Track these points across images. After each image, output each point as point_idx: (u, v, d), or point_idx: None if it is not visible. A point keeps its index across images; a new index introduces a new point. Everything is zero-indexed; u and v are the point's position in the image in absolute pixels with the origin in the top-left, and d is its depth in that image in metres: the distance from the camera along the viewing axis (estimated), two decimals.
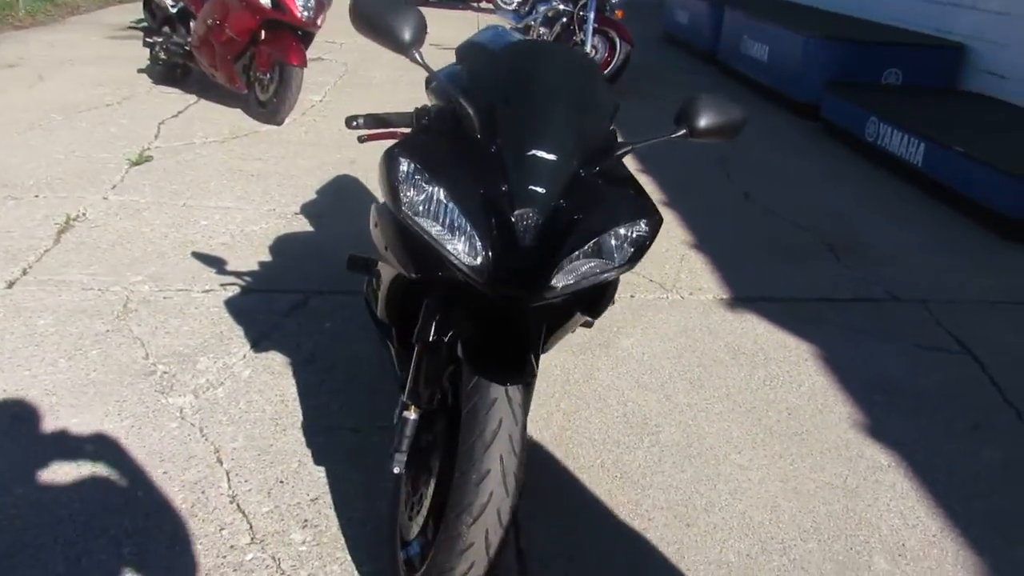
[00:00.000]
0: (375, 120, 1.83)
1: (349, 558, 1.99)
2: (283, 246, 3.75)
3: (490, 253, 1.53)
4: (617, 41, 7.41)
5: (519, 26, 8.44)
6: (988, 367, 3.08)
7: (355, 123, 1.84)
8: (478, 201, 1.55)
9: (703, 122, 1.73)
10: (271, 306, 3.17)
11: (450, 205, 1.55)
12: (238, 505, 2.13)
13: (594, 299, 1.67)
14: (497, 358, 1.62)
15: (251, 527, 2.06)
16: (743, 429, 2.61)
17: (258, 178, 4.60)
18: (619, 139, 1.81)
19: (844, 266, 3.95)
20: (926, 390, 2.91)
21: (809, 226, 4.41)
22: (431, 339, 1.73)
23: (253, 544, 2.01)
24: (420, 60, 1.68)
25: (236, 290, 3.28)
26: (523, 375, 1.59)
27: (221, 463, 2.28)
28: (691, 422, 2.63)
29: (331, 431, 2.45)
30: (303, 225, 4.01)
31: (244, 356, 2.82)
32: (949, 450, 2.58)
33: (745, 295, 3.53)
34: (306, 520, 2.10)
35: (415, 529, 1.74)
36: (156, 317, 3.02)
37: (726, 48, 8.71)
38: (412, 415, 1.72)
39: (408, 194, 1.58)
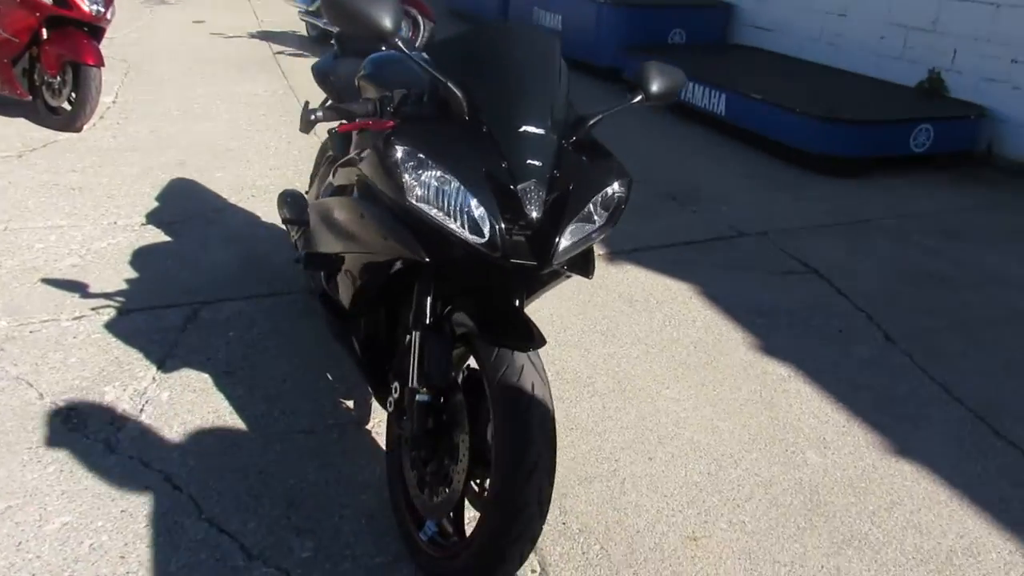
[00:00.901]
0: (335, 112, 1.80)
1: (358, 553, 1.98)
2: (144, 260, 3.48)
3: (501, 227, 1.60)
4: (420, 19, 7.43)
5: (311, 8, 8.20)
6: (832, 281, 3.56)
7: (313, 117, 1.79)
8: (482, 179, 1.60)
9: (656, 87, 1.88)
10: (161, 323, 2.97)
11: (456, 185, 1.59)
12: (219, 528, 2.04)
13: (584, 259, 1.79)
14: (510, 328, 1.70)
15: (244, 546, 1.98)
16: (663, 367, 2.85)
17: (82, 191, 4.20)
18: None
19: (691, 212, 4.35)
20: (793, 307, 3.32)
21: (648, 180, 4.78)
22: (429, 321, 1.77)
23: (254, 562, 1.94)
24: (401, 47, 1.68)
25: (112, 312, 3.03)
26: (538, 339, 1.68)
27: (181, 489, 2.16)
28: (617, 369, 2.83)
29: (285, 437, 2.39)
30: (156, 235, 3.74)
31: (154, 379, 2.63)
32: (828, 353, 2.99)
33: (619, 249, 3.79)
34: (297, 527, 2.05)
35: (443, 505, 1.78)
36: (31, 353, 2.73)
37: (517, 17, 9.00)
38: (424, 397, 1.75)
39: (413, 180, 1.60)
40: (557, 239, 1.62)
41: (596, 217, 1.72)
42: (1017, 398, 2.75)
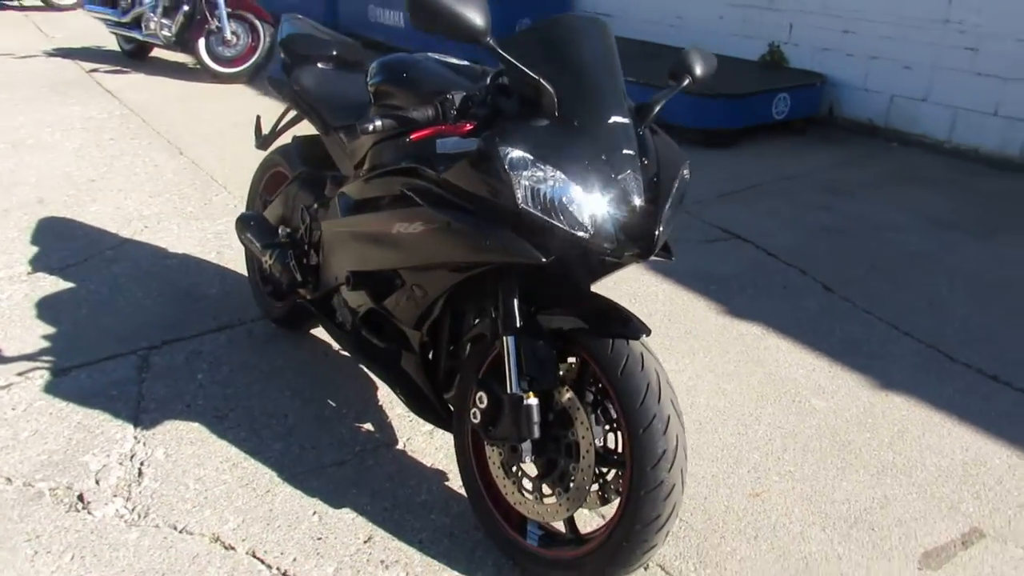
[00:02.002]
0: (393, 121, 1.70)
1: (457, 572, 1.91)
2: (52, 311, 3.10)
3: (615, 221, 1.60)
4: (258, 24, 7.06)
5: (125, 20, 7.53)
6: (758, 244, 3.83)
7: (372, 127, 1.68)
8: (588, 174, 1.59)
9: (700, 71, 1.93)
10: (110, 378, 2.66)
11: (567, 183, 1.57)
12: None
13: (666, 243, 1.81)
14: (616, 318, 1.70)
15: None
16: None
17: None
18: None
19: None
20: (736, 272, 3.54)
21: None
22: (520, 324, 1.74)
23: None
24: (495, 46, 1.61)
25: (45, 375, 2.67)
26: (644, 326, 1.70)
27: (235, 548, 1.96)
28: None
29: (317, 473, 2.23)
30: (54, 283, 3.33)
31: (136, 438, 2.36)
32: (785, 308, 3.22)
33: None
34: (382, 560, 1.94)
35: (567, 504, 1.76)
36: None
37: (350, 17, 8.78)
38: (533, 400, 1.72)
39: (524, 182, 1.55)
40: (659, 226, 1.64)
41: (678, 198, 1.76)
42: (951, 327, 3.10)
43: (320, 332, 2.93)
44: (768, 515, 2.12)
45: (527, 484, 1.84)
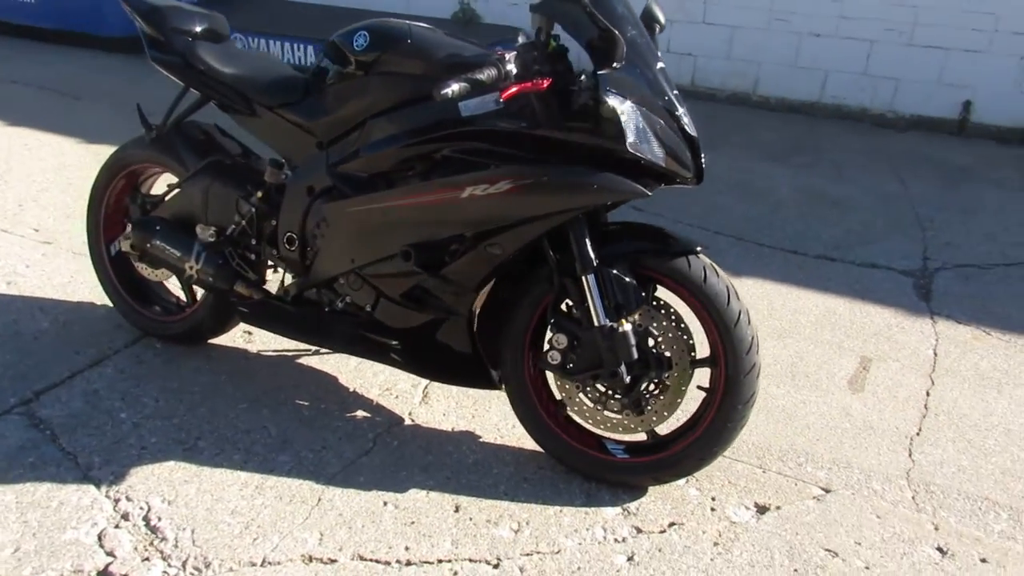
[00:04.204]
0: (467, 84, 1.69)
1: (565, 515, 2.03)
2: None
3: (687, 151, 1.83)
4: None
5: None
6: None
7: (451, 92, 1.67)
8: (663, 112, 1.80)
9: (663, 19, 2.17)
10: (8, 444, 2.17)
11: (659, 123, 1.77)
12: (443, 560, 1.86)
13: None
14: (678, 238, 1.96)
15: (489, 560, 1.87)
16: None
17: None
18: None
19: None
20: None
21: None
22: (595, 261, 1.91)
23: (508, 562, 1.86)
24: (589, 3, 1.69)
25: None
26: (693, 240, 1.98)
27: (335, 560, 1.85)
28: None
29: (353, 468, 2.14)
30: None
31: (111, 495, 2.01)
32: (738, 260, 3.67)
33: None
34: (487, 520, 1.97)
35: (662, 411, 1.98)
36: None
37: None
38: (627, 325, 1.91)
39: (630, 125, 1.71)
40: (702, 152, 1.91)
41: None
42: (806, 239, 3.83)
43: (224, 339, 2.66)
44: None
45: (615, 405, 2.01)
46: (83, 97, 5.44)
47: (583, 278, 1.90)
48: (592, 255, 1.90)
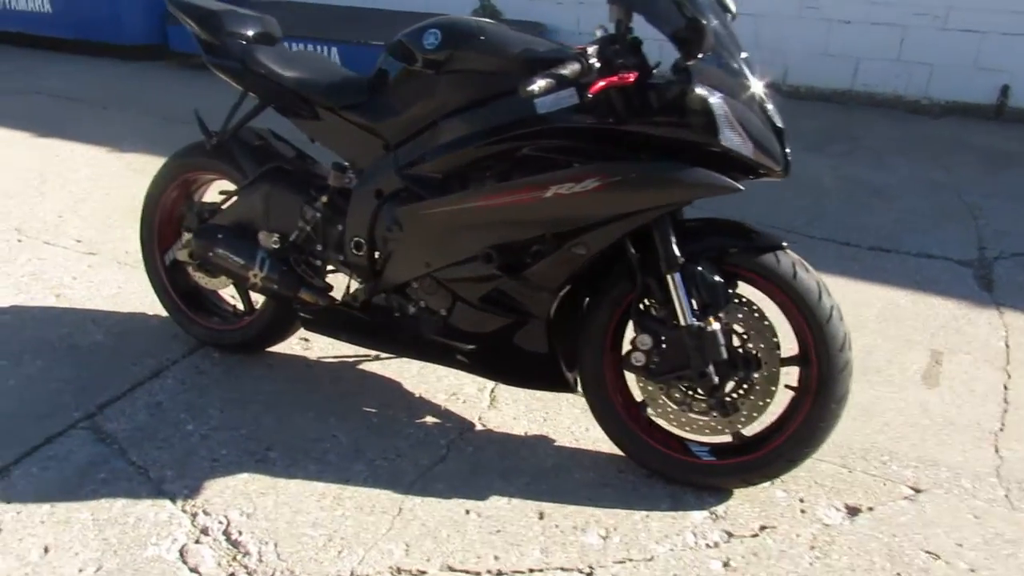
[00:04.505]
0: (552, 80, 1.64)
1: (652, 520, 1.98)
2: None
3: (776, 143, 1.78)
4: None
5: None
6: None
7: (537, 88, 1.62)
8: (754, 104, 1.75)
9: (734, 7, 2.11)
10: (78, 458, 2.14)
11: (751, 117, 1.72)
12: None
13: None
14: (753, 233, 1.90)
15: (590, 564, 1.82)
16: None
17: None
18: None
19: None
20: None
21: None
22: (681, 258, 1.85)
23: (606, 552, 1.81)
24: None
25: None
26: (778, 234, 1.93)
27: (424, 571, 1.80)
28: None
29: (430, 476, 2.09)
30: None
31: (187, 510, 1.98)
32: None
33: None
34: (573, 526, 1.93)
35: (753, 411, 1.93)
36: None
37: None
38: (716, 324, 1.86)
39: (724, 119, 1.66)
40: (787, 146, 1.86)
41: None
42: (856, 230, 3.77)
43: (282, 347, 2.62)
44: None
45: (700, 406, 1.96)
46: (110, 106, 5.41)
47: (668, 277, 1.85)
48: (677, 253, 1.84)
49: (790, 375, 1.94)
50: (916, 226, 3.66)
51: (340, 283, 2.34)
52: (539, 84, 1.63)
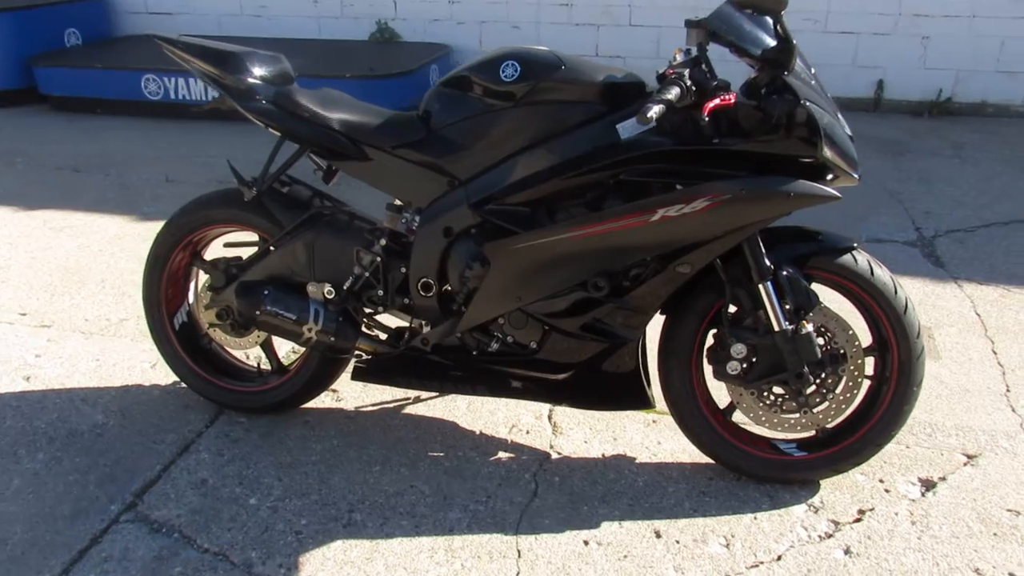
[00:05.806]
0: (663, 105, 1.66)
1: (763, 523, 2.04)
2: None
3: (854, 151, 1.89)
4: None
5: None
6: None
7: (653, 115, 1.63)
8: (834, 116, 1.85)
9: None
10: (138, 554, 1.94)
11: (840, 130, 1.82)
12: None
13: None
14: (825, 235, 2.02)
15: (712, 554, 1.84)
16: None
17: None
18: None
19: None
20: None
21: None
22: (770, 267, 1.94)
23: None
24: (784, 20, 1.70)
25: None
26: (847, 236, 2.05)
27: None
28: None
29: (529, 513, 2.05)
30: None
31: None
32: None
33: None
34: (694, 539, 1.95)
35: (839, 406, 2.03)
36: None
37: None
38: (809, 326, 1.94)
39: (822, 131, 1.75)
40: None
41: None
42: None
43: (311, 403, 2.47)
44: None
45: (792, 405, 2.04)
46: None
47: (759, 286, 1.92)
48: (767, 262, 1.92)
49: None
50: (854, 214, 3.95)
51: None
52: (655, 110, 1.65)
